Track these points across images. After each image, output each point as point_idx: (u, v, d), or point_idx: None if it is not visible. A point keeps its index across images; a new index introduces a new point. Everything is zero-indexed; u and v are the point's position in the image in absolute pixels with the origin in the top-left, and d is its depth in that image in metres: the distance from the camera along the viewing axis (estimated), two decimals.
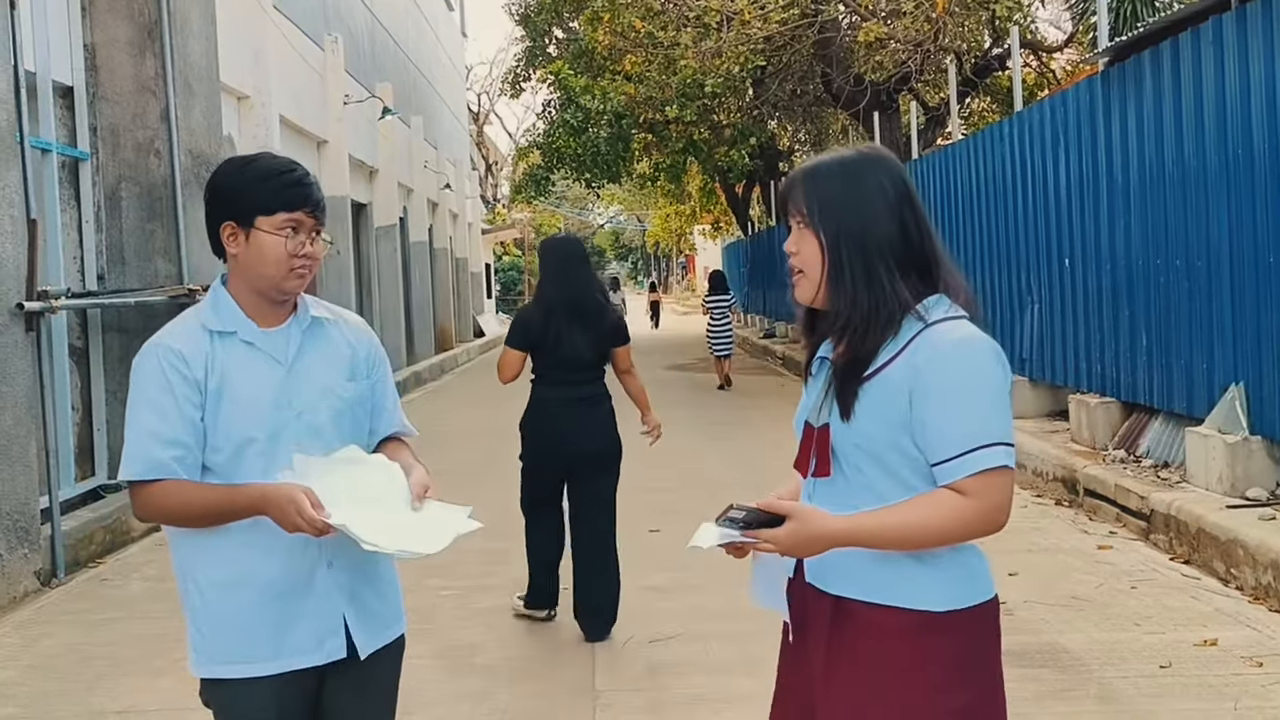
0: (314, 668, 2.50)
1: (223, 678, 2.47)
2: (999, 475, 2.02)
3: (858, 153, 2.19)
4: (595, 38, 19.74)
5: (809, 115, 24.00)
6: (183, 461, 2.41)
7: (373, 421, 2.66)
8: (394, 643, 2.67)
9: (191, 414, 2.42)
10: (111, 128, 8.54)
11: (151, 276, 8.62)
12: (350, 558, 2.50)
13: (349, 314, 2.71)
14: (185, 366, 2.43)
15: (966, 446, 2.01)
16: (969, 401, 2.02)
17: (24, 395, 6.60)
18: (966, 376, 2.04)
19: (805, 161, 2.23)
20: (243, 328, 2.49)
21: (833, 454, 2.13)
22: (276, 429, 2.45)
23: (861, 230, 2.10)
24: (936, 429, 2.03)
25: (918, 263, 2.13)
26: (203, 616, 2.48)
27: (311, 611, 2.48)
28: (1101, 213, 8.69)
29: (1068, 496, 7.93)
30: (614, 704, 4.55)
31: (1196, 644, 4.95)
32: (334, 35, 16.84)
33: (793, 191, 2.18)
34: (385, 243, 20.38)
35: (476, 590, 6.28)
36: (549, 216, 58.40)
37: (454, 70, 34.89)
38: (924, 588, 2.08)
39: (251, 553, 2.44)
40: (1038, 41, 19.64)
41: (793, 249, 2.17)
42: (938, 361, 2.04)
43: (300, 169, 2.52)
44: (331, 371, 2.56)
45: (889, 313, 2.08)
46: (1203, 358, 7.24)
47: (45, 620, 6.05)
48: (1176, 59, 7.48)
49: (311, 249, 2.48)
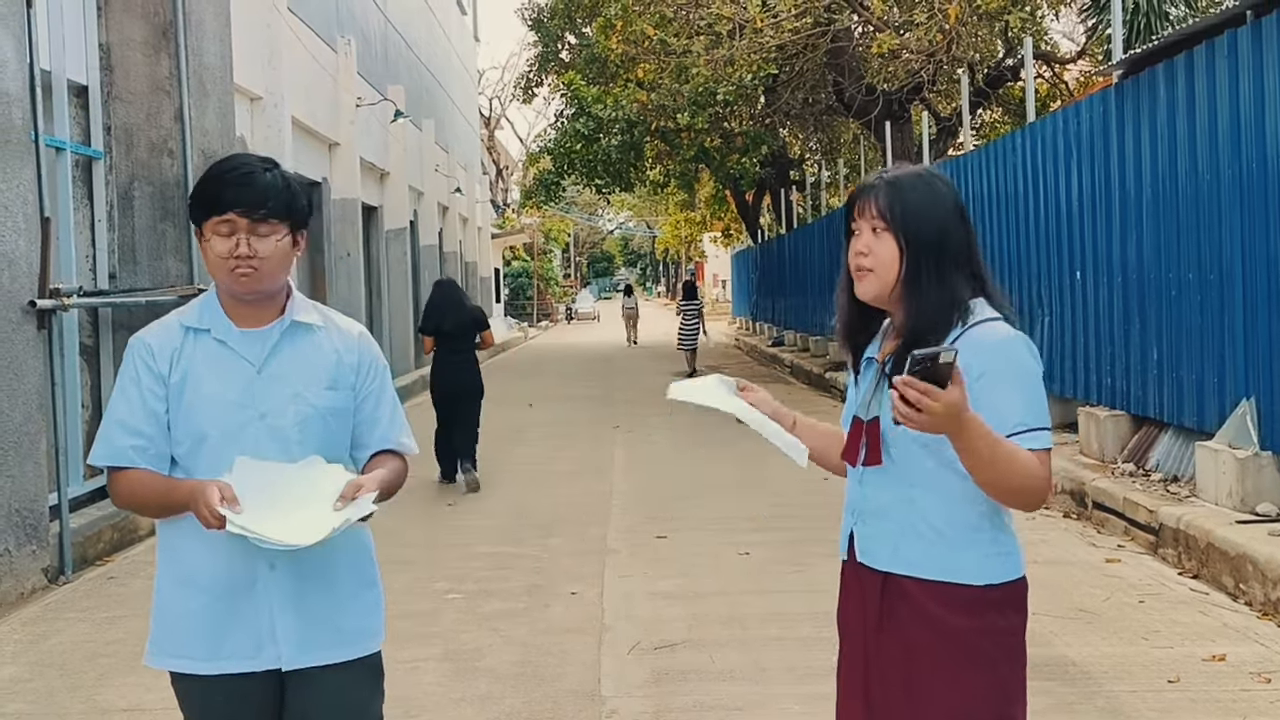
0: (265, 673, 2.47)
1: (177, 671, 2.53)
2: (1048, 458, 2.24)
3: (926, 169, 2.40)
4: (608, 45, 19.76)
5: (820, 124, 24.00)
6: (142, 451, 2.46)
7: (364, 434, 2.61)
8: (353, 663, 2.55)
9: (155, 405, 2.47)
10: (125, 127, 8.56)
11: (163, 276, 8.64)
12: (297, 564, 2.46)
13: (346, 321, 2.66)
14: (152, 360, 2.49)
15: (1023, 427, 2.21)
16: (1016, 390, 2.23)
17: (35, 392, 6.62)
18: (1012, 367, 2.24)
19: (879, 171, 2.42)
20: (218, 326, 2.51)
21: (884, 443, 2.32)
22: (236, 428, 2.44)
23: (940, 238, 2.30)
24: (993, 411, 2.19)
25: (972, 269, 2.34)
26: (158, 609, 2.55)
27: (250, 615, 2.46)
28: (1113, 225, 8.68)
29: (1076, 509, 7.91)
30: (619, 710, 4.54)
31: (1205, 659, 4.93)
32: (347, 37, 16.87)
33: (874, 196, 2.33)
34: (396, 246, 20.40)
35: (483, 594, 6.28)
36: (559, 222, 58.45)
37: (466, 74, 34.96)
38: (968, 564, 2.28)
39: (199, 551, 2.46)
40: (1051, 53, 19.62)
41: (865, 250, 2.32)
42: (988, 355, 2.23)
43: (244, 168, 2.47)
44: (306, 377, 2.52)
45: (956, 315, 2.28)
46: (1214, 371, 7.22)
47: (53, 617, 6.06)
48: (1191, 72, 7.47)
49: (249, 248, 2.43)
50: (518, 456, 11.45)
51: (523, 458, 11.38)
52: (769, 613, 5.68)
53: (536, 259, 50.80)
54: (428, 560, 7.14)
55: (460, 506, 8.86)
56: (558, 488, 9.52)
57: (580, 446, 12.09)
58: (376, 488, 2.44)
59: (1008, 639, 2.31)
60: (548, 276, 54.25)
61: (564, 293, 59.49)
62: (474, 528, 8.08)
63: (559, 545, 7.47)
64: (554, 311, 53.00)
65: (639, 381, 19.61)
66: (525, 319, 46.34)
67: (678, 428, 13.20)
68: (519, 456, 11.46)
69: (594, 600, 6.11)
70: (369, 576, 2.64)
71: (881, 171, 2.39)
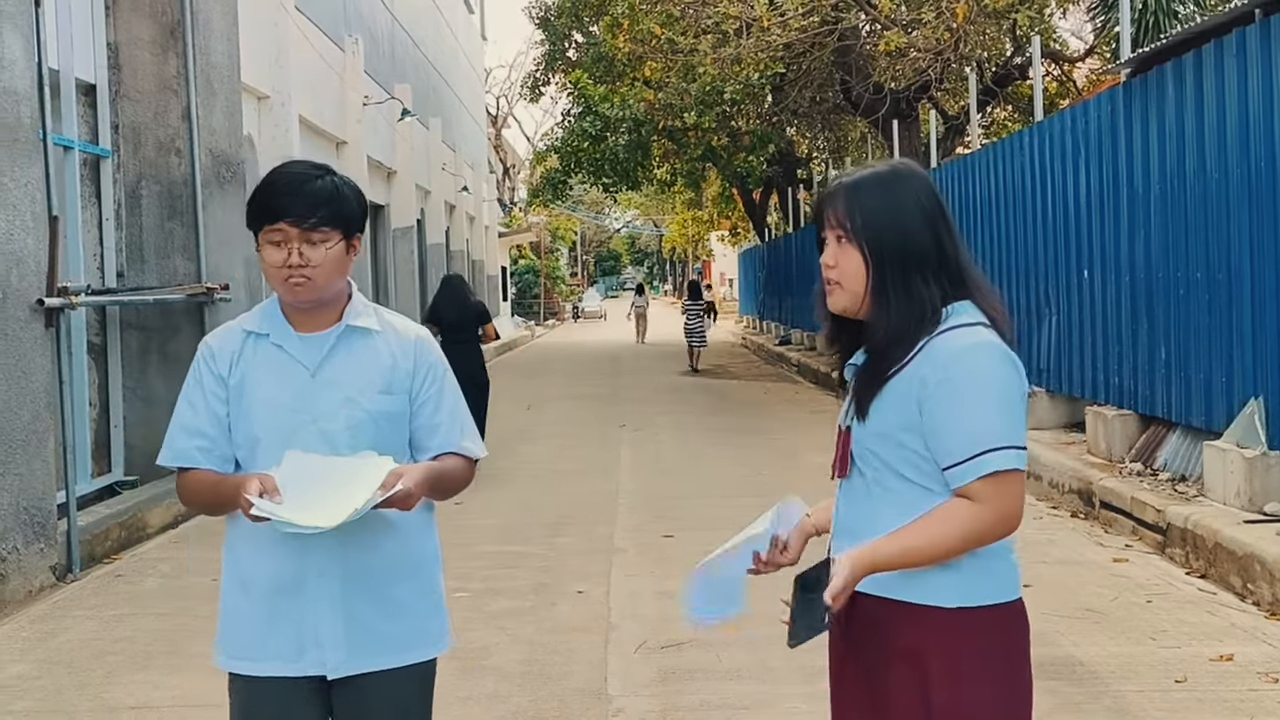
0: (314, 680, 2.47)
1: (231, 671, 2.54)
2: (1009, 478, 2.07)
3: (890, 167, 2.23)
4: (615, 44, 19.75)
5: (828, 123, 23.96)
6: (206, 452, 2.50)
7: (423, 439, 2.59)
8: (402, 670, 2.54)
9: (216, 407, 2.51)
10: (133, 126, 8.58)
11: (170, 275, 8.66)
12: (345, 569, 2.46)
13: (404, 324, 2.65)
14: (214, 362, 2.53)
15: (975, 450, 2.06)
16: (976, 405, 2.07)
17: (43, 391, 6.63)
18: (972, 380, 2.08)
19: (840, 174, 2.26)
20: (277, 331, 2.53)
21: (851, 455, 2.21)
22: (289, 433, 2.45)
23: (902, 243, 2.15)
24: (943, 432, 2.08)
25: (950, 273, 2.18)
26: (221, 609, 2.57)
27: (295, 618, 2.46)
28: (1121, 224, 8.66)
29: (1083, 509, 7.89)
30: (626, 709, 4.54)
31: (1212, 659, 4.91)
32: (354, 36, 16.89)
33: (834, 204, 2.20)
34: (403, 244, 20.43)
35: (490, 593, 6.28)
36: (565, 220, 58.46)
37: (473, 73, 34.98)
38: (940, 585, 2.12)
39: (254, 553, 2.49)
40: (1059, 51, 19.57)
41: (831, 262, 2.20)
42: (943, 368, 2.09)
43: (297, 178, 2.47)
44: (360, 381, 2.52)
45: (923, 324, 2.14)
46: (1222, 371, 7.20)
47: (60, 615, 6.07)
48: (1199, 70, 7.45)
49: (300, 258, 2.43)
50: (525, 455, 11.45)
51: (530, 456, 11.38)
52: (775, 613, 5.67)
53: (543, 258, 50.81)
54: None
55: (468, 505, 8.86)
56: (564, 487, 9.53)
57: (587, 445, 12.09)
58: (421, 478, 2.42)
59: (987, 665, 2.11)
60: (554, 275, 54.26)
61: (571, 291, 59.50)
62: (481, 526, 8.08)
63: (566, 544, 7.48)
64: (561, 310, 53.02)
65: (646, 381, 19.61)
66: (532, 318, 46.37)
67: (685, 427, 13.21)
68: (526, 455, 11.46)
69: (600, 599, 6.11)
70: (427, 584, 2.61)
71: (842, 175, 2.25)
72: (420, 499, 2.45)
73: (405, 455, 2.55)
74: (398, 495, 2.35)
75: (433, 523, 2.65)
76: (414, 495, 2.40)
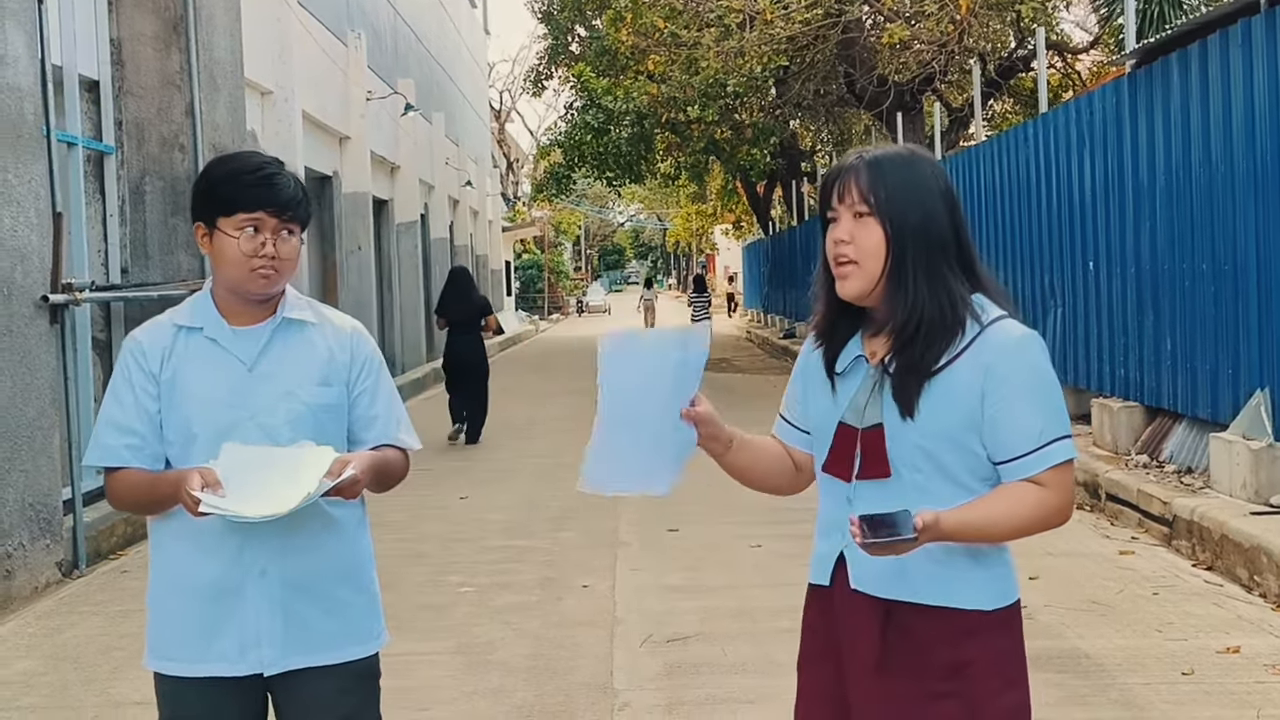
0: (250, 678, 2.45)
1: (162, 673, 2.50)
2: (1069, 468, 2.08)
3: (909, 149, 2.16)
4: (618, 38, 19.73)
5: (831, 115, 23.90)
6: (136, 450, 2.45)
7: (360, 431, 2.56)
8: (339, 667, 2.51)
9: (147, 404, 2.46)
10: (136, 122, 8.58)
11: (174, 270, 8.66)
12: (287, 568, 2.44)
13: (339, 317, 2.63)
14: (144, 359, 2.48)
15: (1043, 440, 2.04)
16: (1041, 397, 2.05)
17: (48, 387, 6.64)
18: (1034, 373, 2.06)
19: (857, 150, 2.14)
20: (210, 325, 2.49)
21: (887, 454, 2.09)
22: (226, 427, 2.41)
23: (925, 224, 2.06)
24: (1010, 424, 2.04)
25: (965, 263, 2.11)
26: (152, 610, 2.52)
27: (238, 619, 2.43)
28: (1126, 216, 8.64)
29: (1089, 501, 7.88)
30: (632, 703, 4.54)
31: (1219, 651, 4.90)
32: (357, 31, 16.87)
33: (854, 178, 2.07)
34: (406, 239, 20.42)
35: (495, 588, 6.28)
36: (569, 214, 58.45)
37: (476, 67, 34.95)
38: (978, 588, 2.10)
39: (190, 553, 2.44)
40: (1063, 43, 19.53)
41: (846, 238, 2.07)
42: (1007, 359, 2.05)
43: (268, 167, 2.46)
44: (298, 375, 2.49)
45: (957, 314, 2.06)
46: (1228, 362, 7.18)
47: (67, 611, 6.08)
48: (1205, 61, 7.42)
49: (274, 249, 2.42)
50: (529, 450, 11.46)
51: (534, 451, 11.38)
52: (780, 606, 5.66)
53: (547, 252, 50.80)
54: (440, 553, 7.15)
55: (473, 500, 8.87)
56: (569, 481, 9.49)
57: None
58: (366, 466, 2.41)
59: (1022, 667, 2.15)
60: (558, 269, 54.27)
61: (575, 286, 59.51)
62: (486, 521, 8.09)
63: (570, 539, 7.48)
64: (565, 304, 53.01)
65: None
66: (536, 312, 46.36)
67: None
68: (530, 450, 11.46)
69: (606, 593, 6.11)
70: (363, 582, 2.58)
71: (861, 151, 2.12)
72: (365, 486, 2.43)
73: (344, 448, 2.52)
74: (345, 481, 2.33)
75: (366, 521, 2.62)
76: (360, 482, 2.39)
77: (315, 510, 2.40)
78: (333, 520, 2.49)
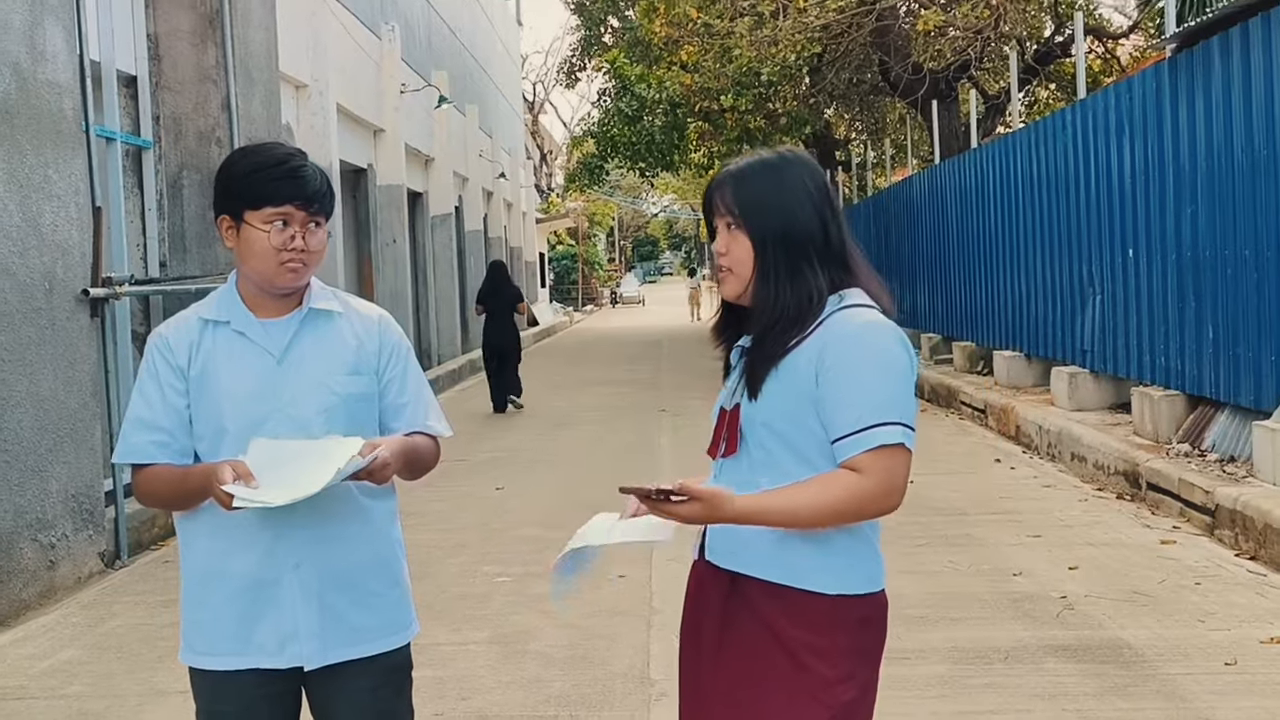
0: (288, 671, 2.45)
1: (199, 668, 2.49)
2: (895, 453, 2.09)
3: (778, 154, 2.28)
4: (651, 28, 19.68)
5: (866, 104, 23.79)
6: (164, 447, 2.43)
7: (389, 420, 2.55)
8: (373, 660, 2.51)
9: (175, 400, 2.44)
10: (174, 116, 8.64)
11: (213, 263, 8.72)
12: (321, 561, 2.44)
13: (366, 306, 2.62)
14: (171, 354, 2.46)
15: (864, 423, 2.09)
16: (869, 380, 2.11)
17: (89, 380, 6.71)
18: (868, 356, 2.12)
19: (728, 164, 2.29)
20: (237, 318, 2.47)
21: (740, 433, 2.21)
22: (257, 420, 2.40)
23: (787, 228, 2.19)
24: (836, 405, 2.11)
25: (836, 259, 2.23)
26: (186, 606, 2.51)
27: (275, 612, 2.43)
28: (1167, 202, 8.53)
29: (1130, 490, 7.80)
30: (669, 693, 4.53)
31: (1262, 641, 4.84)
32: (391, 24, 16.93)
33: (720, 194, 2.24)
34: (441, 231, 20.50)
35: (531, 577, 6.29)
36: (603, 206, 58.43)
37: (509, 59, 34.99)
38: (817, 569, 2.15)
39: (225, 546, 2.43)
40: (1102, 27, 19.30)
41: (723, 250, 2.24)
42: (842, 342, 2.13)
43: (295, 160, 2.44)
44: (328, 365, 2.47)
45: (813, 308, 2.18)
46: (1271, 349, 7.08)
47: (109, 601, 6.15)
48: (1246, 45, 7.32)
49: (303, 242, 2.41)
50: (565, 440, 11.48)
51: (570, 441, 11.40)
52: None
53: (581, 243, 50.83)
54: (478, 543, 7.18)
55: (509, 489, 8.90)
56: (604, 471, 9.52)
57: (627, 430, 12.09)
58: (396, 450, 2.40)
59: (860, 663, 2.17)
60: (592, 261, 54.27)
61: (609, 277, 59.52)
62: (522, 510, 8.11)
63: None
64: (599, 296, 53.03)
65: (686, 365, 19.57)
66: (570, 303, 46.41)
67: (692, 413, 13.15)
68: (566, 440, 11.48)
69: (643, 583, 6.11)
70: (395, 574, 2.57)
71: (728, 164, 2.29)
72: (395, 471, 2.42)
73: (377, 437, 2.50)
74: (376, 463, 2.32)
75: (396, 514, 2.61)
76: (390, 465, 2.37)
77: (346, 500, 2.40)
78: (364, 511, 2.48)
